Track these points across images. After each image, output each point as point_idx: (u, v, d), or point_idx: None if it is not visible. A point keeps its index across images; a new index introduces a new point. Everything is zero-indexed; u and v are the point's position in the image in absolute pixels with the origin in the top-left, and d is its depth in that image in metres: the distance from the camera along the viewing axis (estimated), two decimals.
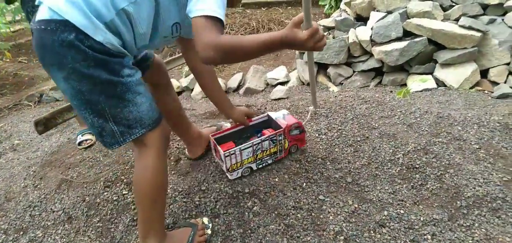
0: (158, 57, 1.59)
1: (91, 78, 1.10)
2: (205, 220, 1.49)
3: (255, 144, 1.62)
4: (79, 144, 2.19)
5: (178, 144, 1.99)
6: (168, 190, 1.67)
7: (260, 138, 1.63)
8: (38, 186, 1.91)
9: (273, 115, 1.77)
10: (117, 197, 1.70)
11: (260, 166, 1.70)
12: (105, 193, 1.74)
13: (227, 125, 2.01)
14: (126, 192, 1.72)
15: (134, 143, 1.27)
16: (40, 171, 2.03)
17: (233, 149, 1.58)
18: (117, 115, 1.17)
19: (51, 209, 1.74)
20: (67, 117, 1.72)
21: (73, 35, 1.04)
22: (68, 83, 1.11)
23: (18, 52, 5.88)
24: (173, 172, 1.79)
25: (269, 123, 1.80)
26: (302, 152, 1.80)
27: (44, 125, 1.64)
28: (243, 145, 1.60)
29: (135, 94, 1.18)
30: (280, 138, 1.67)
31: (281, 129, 1.65)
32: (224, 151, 1.56)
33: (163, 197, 1.33)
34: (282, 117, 1.75)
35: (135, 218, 1.58)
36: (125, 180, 1.79)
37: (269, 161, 1.72)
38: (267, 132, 1.69)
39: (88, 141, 2.18)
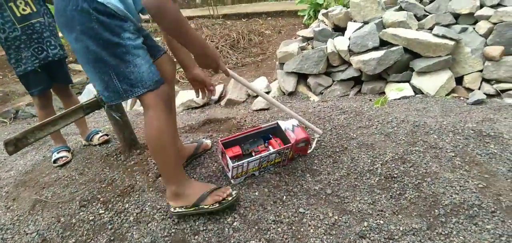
0: (169, 55, 1.72)
1: (95, 38, 1.26)
2: (234, 193, 1.56)
3: (262, 158, 1.65)
4: (55, 161, 2.12)
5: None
6: (146, 208, 1.63)
7: (269, 152, 1.66)
8: (11, 208, 1.84)
9: (283, 125, 1.78)
10: (93, 217, 1.65)
11: (262, 172, 1.74)
12: (81, 213, 1.69)
13: (208, 142, 1.99)
14: (103, 211, 1.67)
15: (140, 103, 1.42)
16: (13, 192, 1.96)
17: (242, 162, 1.61)
18: (120, 74, 1.33)
19: (24, 231, 1.67)
20: (39, 136, 1.66)
21: (80, 0, 1.21)
22: (77, 43, 1.29)
23: None
24: (151, 189, 1.75)
25: (277, 132, 1.81)
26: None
27: (14, 146, 1.58)
28: (252, 158, 1.64)
29: (134, 56, 1.32)
30: (286, 151, 1.70)
31: (290, 144, 1.68)
32: (233, 164, 1.60)
33: (170, 151, 1.47)
34: (291, 128, 1.75)
35: (111, 238, 1.54)
36: (101, 199, 1.74)
37: (271, 168, 1.75)
38: (274, 142, 1.73)
39: (63, 158, 2.12)
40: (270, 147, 1.79)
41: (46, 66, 2.06)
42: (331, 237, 1.41)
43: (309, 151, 1.81)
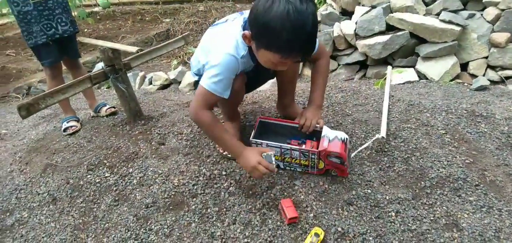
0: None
1: None
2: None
3: (283, 148, 1.58)
4: (65, 130, 2.24)
5: (159, 130, 2.05)
6: (148, 172, 1.74)
7: (290, 146, 1.56)
8: (24, 171, 1.96)
9: (327, 131, 1.59)
10: (99, 180, 1.76)
11: (287, 168, 1.66)
12: (88, 176, 1.80)
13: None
14: (108, 175, 1.78)
15: None
16: (26, 157, 2.08)
17: (262, 141, 1.60)
18: None
19: (36, 191, 1.79)
20: (49, 102, 1.76)
21: None
22: None
23: (6, 45, 5.89)
24: (154, 156, 1.85)
25: (318, 136, 1.62)
26: None
27: (26, 110, 1.69)
28: (271, 142, 1.58)
29: None
30: (313, 156, 1.55)
31: (316, 150, 1.53)
32: (252, 138, 1.61)
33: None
34: (332, 138, 1.55)
35: (116, 198, 1.65)
36: (107, 164, 1.85)
37: (298, 170, 1.64)
38: (309, 143, 1.64)
39: (73, 128, 2.24)
40: (304, 146, 1.65)
41: (57, 40, 2.18)
42: (320, 203, 1.49)
43: (348, 172, 1.58)
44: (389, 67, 2.91)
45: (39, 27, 2.09)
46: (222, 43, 1.46)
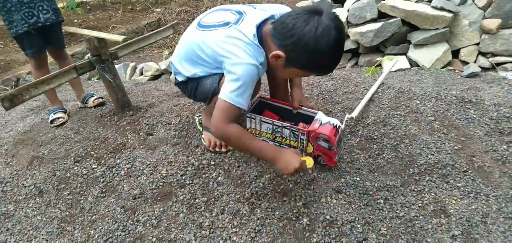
0: None
1: None
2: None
3: (274, 125, 1.58)
4: (51, 122, 2.21)
5: (147, 121, 2.02)
6: (136, 163, 1.72)
7: (281, 123, 1.57)
8: (10, 163, 1.93)
9: (320, 116, 1.58)
10: (86, 171, 1.74)
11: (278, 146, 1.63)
12: (75, 168, 1.78)
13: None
14: (96, 166, 1.76)
15: None
16: (12, 150, 2.05)
17: (255, 115, 1.60)
18: None
19: (22, 184, 1.77)
20: (34, 93, 1.72)
21: None
22: None
23: None
24: (141, 146, 1.83)
25: (312, 120, 1.61)
26: None
27: (10, 101, 1.65)
28: (264, 118, 1.60)
29: None
30: (302, 137, 1.54)
31: (305, 130, 1.52)
32: (247, 112, 1.60)
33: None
34: (324, 122, 1.53)
35: (103, 190, 1.63)
36: (94, 155, 1.82)
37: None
38: (302, 125, 1.61)
39: (60, 119, 2.21)
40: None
41: (40, 29, 2.12)
42: (309, 191, 1.48)
43: (336, 160, 1.56)
44: (386, 59, 2.89)
45: (20, 16, 2.03)
46: (238, 53, 1.35)
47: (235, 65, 1.33)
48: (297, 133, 1.54)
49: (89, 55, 1.99)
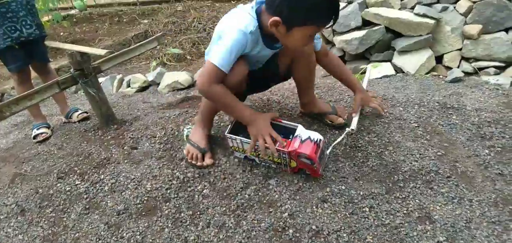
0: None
1: None
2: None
3: (256, 144, 1.53)
4: (34, 137, 2.17)
5: (132, 134, 2.00)
6: (120, 178, 1.69)
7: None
8: None
9: (301, 131, 1.54)
10: (70, 188, 1.71)
11: (263, 163, 1.64)
12: (58, 184, 1.75)
13: (340, 120, 1.85)
14: (79, 182, 1.73)
15: None
16: None
17: (235, 137, 1.58)
18: None
19: (3, 203, 1.73)
20: (14, 110, 1.70)
21: None
22: None
23: None
24: (126, 161, 1.80)
25: (293, 134, 1.55)
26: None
27: None
28: (245, 140, 1.55)
29: None
30: (284, 156, 1.51)
31: (286, 150, 1.48)
32: (227, 133, 1.60)
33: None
34: (304, 138, 1.49)
35: (87, 207, 1.60)
36: (78, 171, 1.79)
37: (273, 166, 1.63)
38: (283, 141, 1.53)
39: (43, 134, 2.17)
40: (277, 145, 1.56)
41: (23, 44, 2.09)
42: (295, 202, 1.48)
43: (320, 172, 1.55)
44: (369, 66, 2.93)
45: (3, 30, 2.00)
46: (231, 21, 1.48)
47: (224, 32, 1.45)
48: (279, 153, 1.51)
49: (72, 69, 1.97)
